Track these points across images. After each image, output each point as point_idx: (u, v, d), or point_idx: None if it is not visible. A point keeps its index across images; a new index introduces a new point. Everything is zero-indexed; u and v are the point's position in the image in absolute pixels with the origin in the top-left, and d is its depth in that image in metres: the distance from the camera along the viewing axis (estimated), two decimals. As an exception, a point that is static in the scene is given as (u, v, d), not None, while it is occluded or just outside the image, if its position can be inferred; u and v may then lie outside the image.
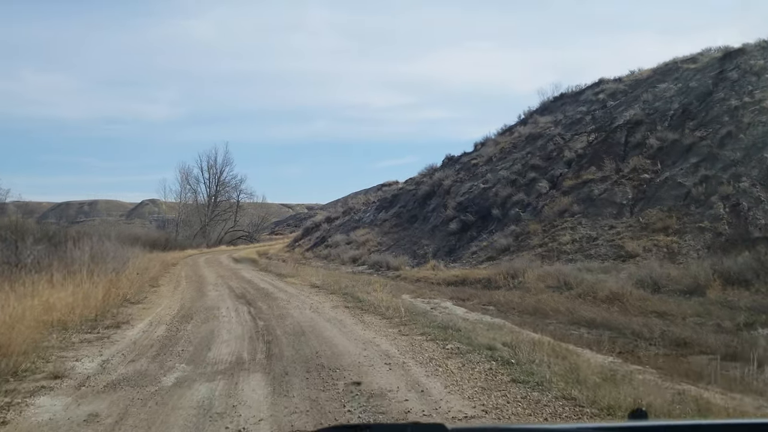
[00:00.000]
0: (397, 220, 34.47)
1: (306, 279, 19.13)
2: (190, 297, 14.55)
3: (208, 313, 11.33)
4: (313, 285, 17.15)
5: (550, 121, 30.65)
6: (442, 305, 13.09)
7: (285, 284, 17.93)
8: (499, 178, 27.83)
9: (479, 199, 27.37)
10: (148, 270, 17.85)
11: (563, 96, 36.21)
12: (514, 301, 13.42)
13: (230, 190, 69.74)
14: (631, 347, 8.45)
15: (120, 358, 7.32)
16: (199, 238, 64.08)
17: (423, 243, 27.38)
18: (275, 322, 9.87)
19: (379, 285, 15.27)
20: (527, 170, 26.93)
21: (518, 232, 22.69)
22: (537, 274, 16.14)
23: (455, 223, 26.54)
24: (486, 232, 25.01)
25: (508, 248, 21.99)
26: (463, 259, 23.68)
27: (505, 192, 26.05)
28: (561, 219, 21.85)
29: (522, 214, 24.41)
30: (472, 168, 31.29)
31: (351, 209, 41.90)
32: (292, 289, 16.15)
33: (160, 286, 17.75)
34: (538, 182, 25.69)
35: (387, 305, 11.29)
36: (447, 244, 26.03)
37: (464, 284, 17.64)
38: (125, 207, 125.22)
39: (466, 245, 25.09)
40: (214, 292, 15.99)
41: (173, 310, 11.86)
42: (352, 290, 14.52)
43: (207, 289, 16.94)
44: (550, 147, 27.89)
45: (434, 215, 29.87)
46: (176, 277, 21.78)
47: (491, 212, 25.65)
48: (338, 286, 15.86)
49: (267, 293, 15.19)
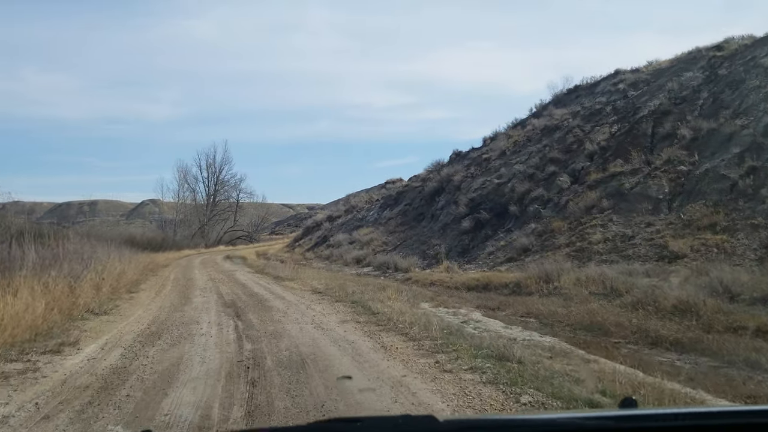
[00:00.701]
0: (403, 219, 31.95)
1: (307, 283, 16.58)
2: (169, 306, 12.01)
3: (183, 330, 8.80)
4: (315, 290, 14.61)
5: (568, 113, 28.12)
6: (472, 317, 10.55)
7: (283, 289, 15.38)
8: (514, 172, 25.30)
9: (493, 195, 24.84)
10: (126, 273, 15.31)
11: (577, 88, 33.71)
12: (558, 311, 10.89)
13: (229, 190, 67.20)
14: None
15: (28, 413, 4.78)
16: (197, 238, 61.49)
17: (433, 242, 24.84)
18: (267, 345, 7.34)
19: (393, 291, 12.75)
20: (545, 164, 24.41)
21: (540, 231, 20.16)
22: (574, 278, 13.60)
23: (468, 220, 24.01)
24: (503, 231, 22.48)
25: (530, 248, 19.46)
26: (478, 260, 21.14)
27: (523, 187, 23.52)
28: (589, 216, 19.31)
29: (542, 210, 21.88)
30: (484, 163, 28.75)
31: (354, 207, 39.34)
32: (290, 296, 13.61)
33: (140, 291, 15.20)
34: (559, 176, 23.17)
35: (409, 319, 8.76)
36: (460, 243, 23.49)
37: (487, 289, 15.11)
38: (126, 207, 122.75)
39: (481, 245, 22.56)
40: (200, 298, 13.45)
41: (142, 325, 9.32)
42: (361, 297, 11.98)
43: (193, 295, 14.40)
44: (569, 139, 25.37)
45: (444, 213, 27.33)
46: (162, 281, 19.23)
47: (508, 209, 23.12)
48: (344, 292, 13.32)
49: (261, 301, 12.65)
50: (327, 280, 17.14)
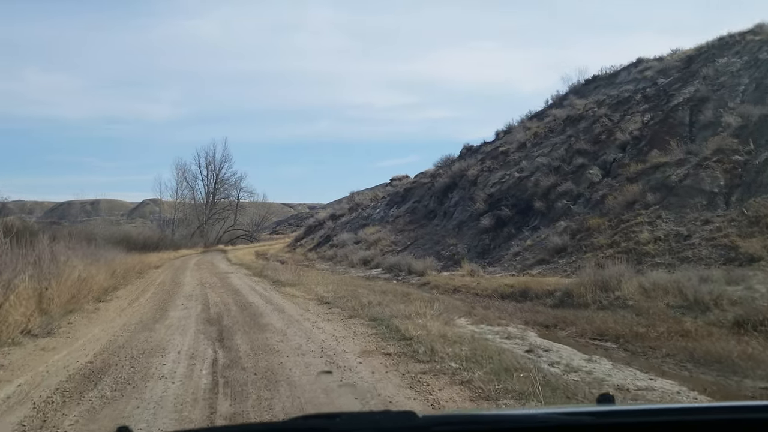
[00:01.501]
0: (412, 217, 29.19)
1: (310, 289, 13.80)
2: (137, 322, 9.24)
3: (139, 366, 6.04)
4: (321, 299, 11.83)
5: (593, 102, 25.37)
6: (533, 341, 7.77)
7: (282, 297, 12.60)
8: (537, 165, 22.54)
9: (515, 190, 22.09)
10: (96, 278, 12.52)
11: (596, 78, 31.00)
12: (640, 332, 8.12)
13: (229, 188, 64.34)
14: None
15: None
16: (196, 238, 58.67)
17: (448, 242, 22.08)
18: (255, 402, 4.59)
19: (419, 301, 9.97)
20: (572, 156, 21.66)
21: (574, 229, 17.40)
22: (637, 285, 10.85)
23: (488, 218, 21.26)
24: (527, 229, 19.72)
25: (564, 248, 16.69)
26: (503, 262, 18.39)
27: (548, 181, 20.78)
28: (631, 212, 16.55)
29: (573, 206, 19.15)
30: (501, 156, 25.98)
31: (358, 205, 36.57)
32: (291, 307, 10.83)
33: (113, 300, 12.42)
34: (588, 169, 20.43)
35: (459, 351, 6.04)
36: (479, 243, 20.74)
37: (526, 298, 12.33)
38: (127, 207, 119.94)
39: (504, 244, 19.81)
40: (181, 311, 10.67)
41: (86, 356, 6.57)
42: (381, 311, 9.22)
43: (174, 305, 11.62)
44: (596, 129, 22.62)
45: (459, 210, 24.58)
46: (145, 285, 16.45)
47: (532, 205, 20.37)
48: (357, 302, 10.55)
49: (254, 315, 9.87)
50: (334, 285, 14.37)
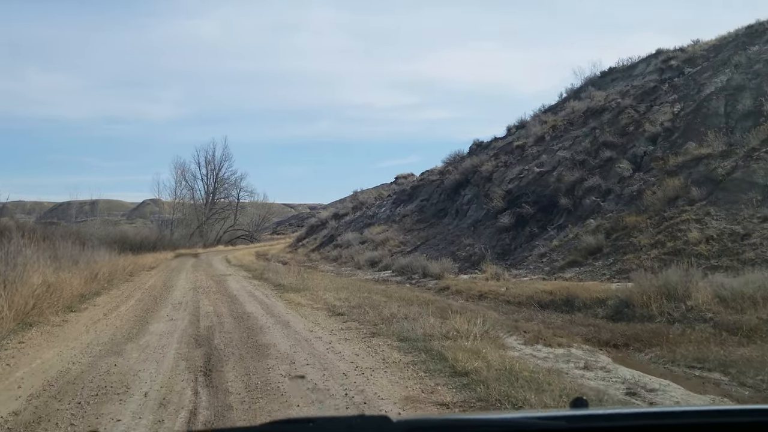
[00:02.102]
0: (421, 215, 27.21)
1: (318, 295, 11.79)
2: (107, 340, 7.25)
3: (81, 420, 4.09)
4: (332, 309, 9.82)
5: (616, 93, 23.41)
6: (623, 375, 5.78)
7: (286, 306, 10.60)
8: (559, 159, 20.58)
9: (535, 186, 20.11)
10: (69, 284, 10.51)
11: (612, 70, 29.04)
12: (753, 358, 6.18)
13: (229, 188, 62.22)
14: None
15: None
16: (195, 238, 56.60)
17: (464, 242, 20.10)
18: None
19: (456, 314, 7.98)
20: (598, 149, 19.69)
21: (608, 228, 15.43)
22: (712, 293, 8.88)
23: (507, 216, 19.28)
24: (552, 227, 17.75)
25: (598, 249, 14.71)
26: (528, 264, 16.41)
27: (572, 176, 18.80)
28: (674, 208, 14.58)
29: (602, 203, 17.19)
30: (516, 151, 24.01)
31: (362, 204, 34.57)
32: (297, 320, 8.84)
33: (87, 309, 10.40)
34: (617, 163, 18.47)
35: (544, 398, 4.10)
36: (498, 243, 18.75)
37: (572, 307, 10.34)
38: (127, 207, 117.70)
39: (526, 245, 17.83)
40: (164, 324, 8.68)
41: (13, 402, 4.59)
42: (410, 327, 7.22)
43: (158, 315, 9.62)
44: (622, 121, 20.66)
45: (473, 208, 22.60)
46: (132, 290, 14.44)
47: (556, 202, 18.40)
48: (377, 314, 8.57)
49: (253, 332, 7.87)
50: (344, 290, 12.37)
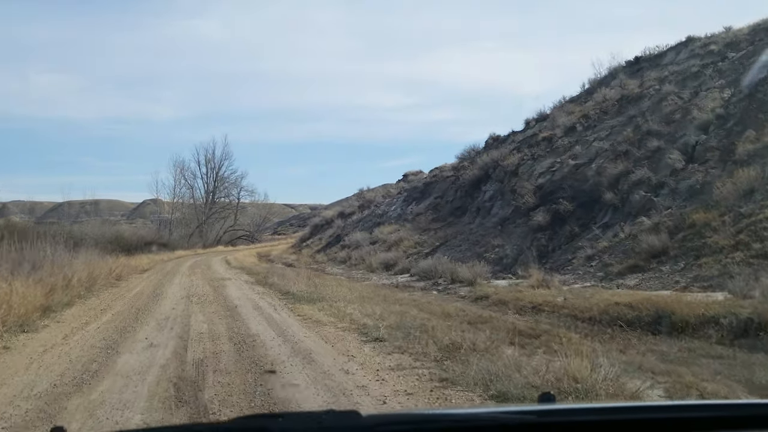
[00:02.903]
0: (435, 214, 24.74)
1: (339, 308, 9.29)
2: (45, 389, 4.72)
3: None
4: (365, 331, 7.30)
5: (653, 79, 20.96)
6: None
7: (302, 325, 8.11)
8: (596, 150, 18.12)
9: (571, 180, 17.64)
10: (13, 295, 8.02)
11: (639, 59, 26.57)
12: None
13: (230, 187, 59.64)
14: None
15: None
16: (195, 238, 54.02)
17: (492, 243, 17.61)
18: None
19: (574, 356, 5.50)
20: (642, 138, 17.24)
21: (672, 226, 12.95)
22: None
23: (541, 214, 16.81)
24: (597, 226, 15.29)
25: (663, 251, 12.22)
26: (574, 268, 13.92)
27: (615, 169, 16.35)
28: (751, 203, 12.10)
29: (655, 198, 14.75)
30: (543, 143, 21.53)
31: (370, 202, 32.06)
32: (323, 352, 6.34)
33: (48, 327, 7.89)
34: (666, 153, 16.01)
35: None
36: (533, 244, 16.27)
37: (668, 327, 7.90)
38: (127, 207, 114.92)
39: (567, 246, 15.37)
40: (138, 354, 6.18)
41: None
42: (495, 369, 4.77)
43: (134, 339, 7.12)
44: (666, 108, 18.22)
45: (498, 204, 20.12)
46: (113, 299, 11.91)
47: (599, 197, 15.94)
48: (432, 341, 6.09)
49: (263, 376, 5.38)
50: (370, 302, 9.84)
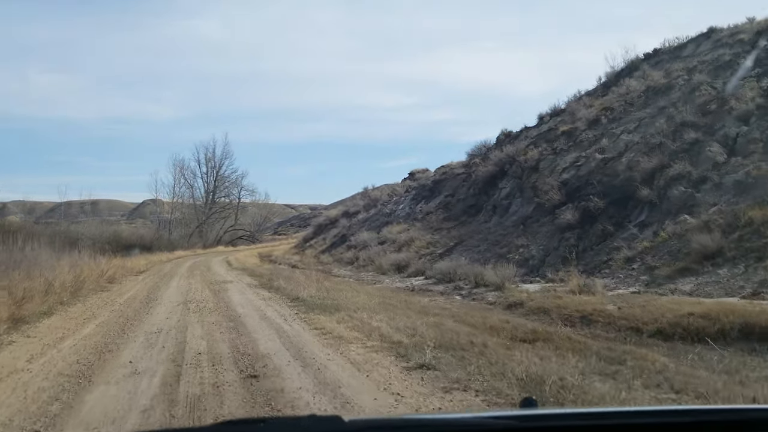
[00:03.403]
0: (447, 213, 23.26)
1: (361, 319, 7.79)
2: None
3: None
4: (402, 352, 5.75)
5: (681, 69, 19.50)
6: None
7: (321, 342, 6.59)
8: (626, 143, 16.64)
9: (599, 175, 16.16)
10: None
11: (658, 51, 25.11)
12: None
13: (230, 186, 58.11)
14: None
15: None
16: (195, 238, 52.48)
17: (514, 243, 16.12)
18: None
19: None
20: (676, 130, 15.76)
21: (724, 224, 11.46)
22: None
23: (568, 211, 15.33)
24: (633, 224, 13.79)
25: (718, 252, 10.72)
26: (611, 271, 12.40)
27: (649, 163, 14.87)
28: (818, 198, 10.70)
29: (697, 194, 13.28)
30: (562, 137, 20.05)
31: (376, 201, 30.56)
32: (356, 385, 4.79)
33: (9, 345, 6.42)
34: (706, 146, 14.54)
35: None
36: (561, 244, 14.78)
37: (763, 343, 6.43)
38: (127, 207, 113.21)
39: (600, 246, 13.87)
40: (116, 387, 4.66)
41: None
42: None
43: (114, 362, 5.62)
44: (699, 99, 16.75)
45: (517, 202, 18.64)
46: (99, 307, 10.39)
47: (633, 193, 14.45)
48: (497, 369, 4.63)
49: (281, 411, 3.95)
50: (396, 312, 8.34)
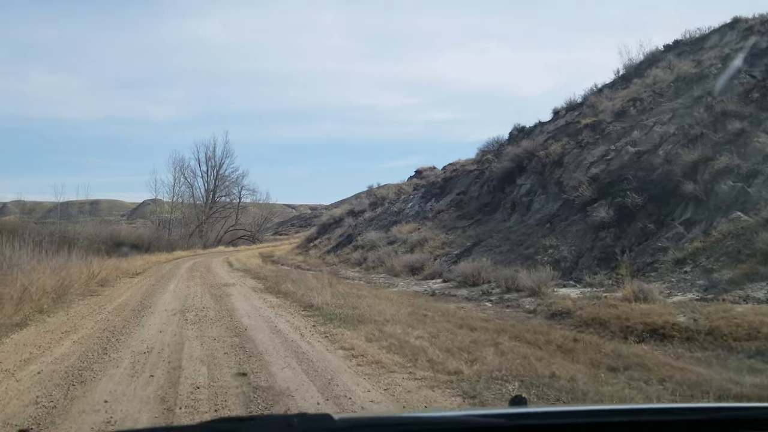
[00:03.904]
0: (460, 211, 21.79)
1: (393, 335, 6.31)
2: None
3: None
4: (476, 396, 4.36)
5: (713, 57, 18.07)
6: None
7: (355, 373, 5.09)
8: (661, 135, 15.17)
9: (634, 169, 14.67)
10: None
11: (678, 43, 23.73)
12: None
13: (230, 185, 56.54)
14: None
15: None
16: (195, 238, 50.93)
17: (541, 243, 14.63)
18: None
19: None
20: (717, 120, 14.34)
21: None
22: None
23: (602, 209, 13.85)
24: (678, 222, 12.33)
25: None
26: (659, 274, 10.93)
27: (690, 155, 13.39)
28: None
29: (749, 189, 11.85)
30: (585, 130, 18.59)
31: (383, 199, 29.06)
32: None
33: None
34: (753, 137, 13.11)
35: None
36: (596, 244, 13.31)
37: None
38: (127, 207, 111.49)
39: (642, 246, 12.39)
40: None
41: None
42: None
43: (86, 400, 4.20)
44: (738, 87, 15.31)
45: (540, 199, 17.17)
46: (84, 315, 8.86)
47: (675, 188, 12.97)
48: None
49: None
50: (433, 324, 6.87)
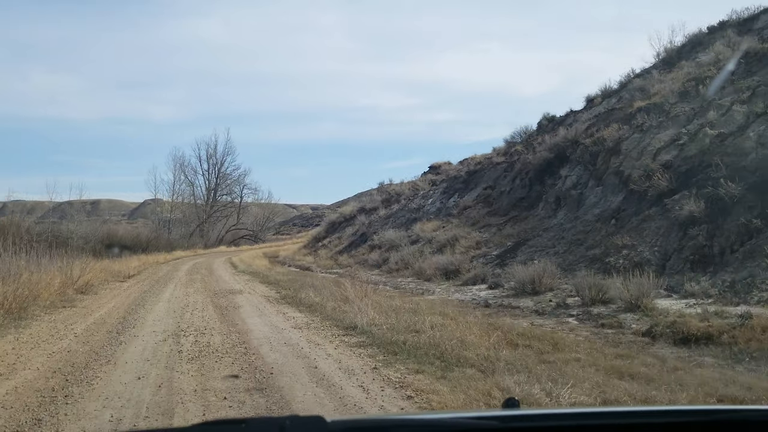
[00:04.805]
0: (489, 207, 19.12)
1: (510, 393, 3.73)
2: None
3: None
4: None
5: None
6: None
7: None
8: (746, 115, 12.48)
9: (719, 154, 11.90)
10: None
11: (725, 24, 21.20)
12: None
13: (232, 184, 53.76)
14: None
15: None
16: (195, 238, 48.16)
17: (612, 243, 11.95)
18: None
19: None
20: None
21: None
22: None
23: (688, 201, 11.18)
24: (794, 218, 9.71)
25: None
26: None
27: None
28: None
29: None
30: (639, 114, 15.90)
31: (398, 195, 26.34)
32: None
33: None
34: None
35: None
36: (683, 245, 10.65)
37: None
38: (128, 207, 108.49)
39: (745, 246, 9.74)
40: None
41: None
42: None
43: None
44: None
45: (595, 192, 14.49)
46: (46, 338, 6.19)
47: (781, 176, 10.37)
48: None
49: None
50: (568, 371, 4.20)
